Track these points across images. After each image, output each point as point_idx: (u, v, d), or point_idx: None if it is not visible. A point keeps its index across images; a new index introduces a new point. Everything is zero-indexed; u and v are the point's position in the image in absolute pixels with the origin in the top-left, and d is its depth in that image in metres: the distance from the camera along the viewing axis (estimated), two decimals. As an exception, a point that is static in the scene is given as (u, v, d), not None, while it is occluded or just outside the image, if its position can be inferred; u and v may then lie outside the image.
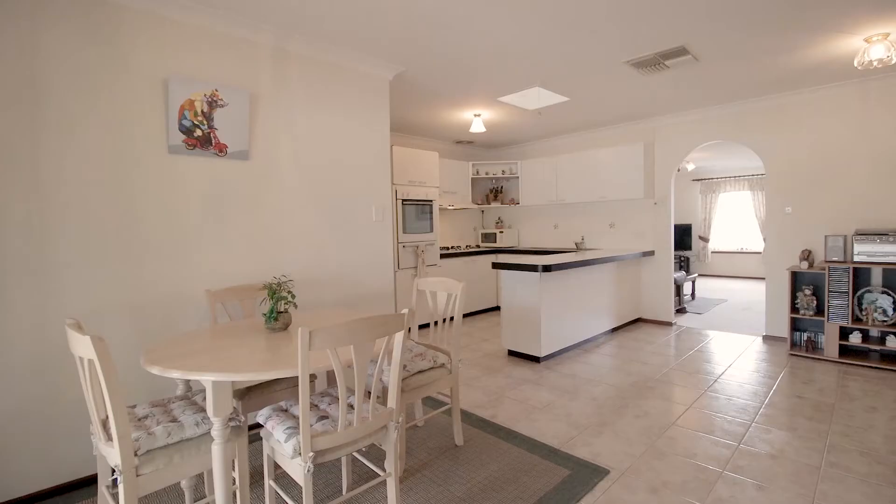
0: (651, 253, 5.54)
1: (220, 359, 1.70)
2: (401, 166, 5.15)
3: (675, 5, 2.68)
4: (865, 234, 3.85)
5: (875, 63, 3.26)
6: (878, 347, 3.85)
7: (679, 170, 8.36)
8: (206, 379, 1.55)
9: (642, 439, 2.57)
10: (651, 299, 5.60)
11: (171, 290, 2.53)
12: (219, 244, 2.72)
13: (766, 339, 4.70)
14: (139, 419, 1.72)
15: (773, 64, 3.71)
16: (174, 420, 1.74)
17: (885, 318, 3.81)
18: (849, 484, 2.11)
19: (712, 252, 10.03)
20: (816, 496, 2.03)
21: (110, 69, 2.32)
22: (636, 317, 5.62)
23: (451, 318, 2.97)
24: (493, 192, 7.07)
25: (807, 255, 4.21)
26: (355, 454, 2.07)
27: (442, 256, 5.71)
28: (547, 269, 3.83)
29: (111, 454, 1.53)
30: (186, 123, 2.58)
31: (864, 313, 3.87)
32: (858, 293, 3.93)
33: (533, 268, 3.87)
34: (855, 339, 3.89)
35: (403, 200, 5.15)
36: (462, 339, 4.93)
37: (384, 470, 1.90)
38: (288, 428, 1.66)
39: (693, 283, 7.09)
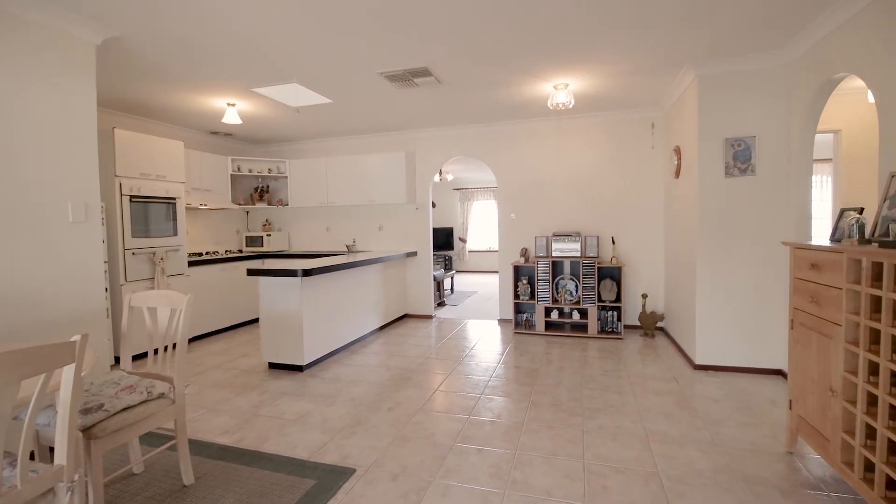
0: (414, 254, 6.02)
1: None
2: (129, 155, 4.21)
3: (413, 30, 2.92)
4: (559, 235, 5.04)
5: (560, 106, 4.27)
6: (568, 320, 5.10)
7: (441, 179, 9.40)
8: None
9: (391, 430, 2.72)
10: (415, 296, 6.09)
11: None
12: None
13: (501, 321, 5.68)
14: None
15: (497, 96, 4.47)
16: None
17: (572, 298, 5.06)
18: (541, 433, 2.68)
19: (469, 251, 11.64)
20: (518, 447, 2.50)
21: None
22: (403, 313, 6.02)
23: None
24: (259, 191, 6.51)
25: (524, 252, 5.26)
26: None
27: (192, 264, 4.94)
28: (308, 273, 3.71)
29: None
30: None
31: (559, 295, 5.06)
32: (556, 280, 5.12)
33: (293, 273, 3.69)
34: (554, 315, 5.06)
35: (132, 197, 4.22)
36: (215, 357, 4.35)
37: (57, 546, 1.46)
38: None
39: (452, 278, 8.05)
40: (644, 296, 4.93)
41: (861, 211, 2.17)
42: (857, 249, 1.81)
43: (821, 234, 3.72)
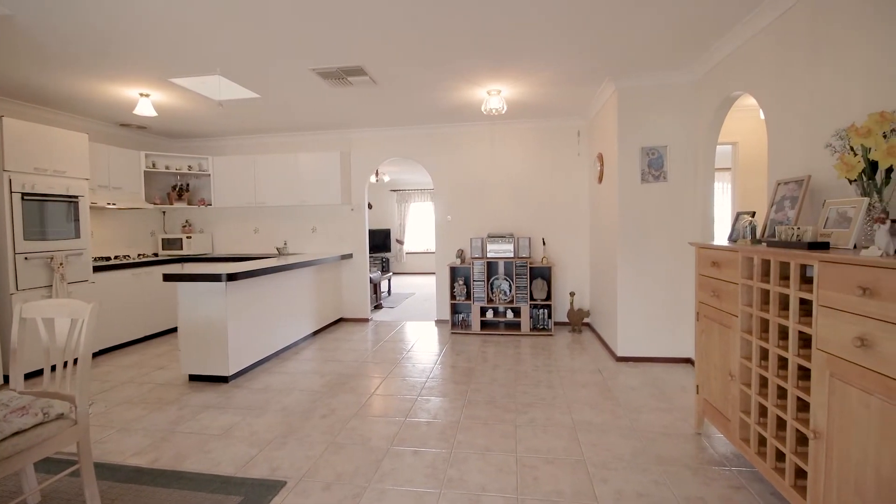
0: (350, 256, 5.90)
1: None
2: (21, 147, 3.73)
3: (346, 27, 2.86)
4: (493, 237, 5.18)
5: (493, 111, 4.38)
6: (503, 319, 5.25)
7: (377, 180, 9.28)
8: None
9: (325, 438, 2.64)
10: (351, 299, 5.96)
11: None
12: None
13: (438, 322, 5.73)
14: None
15: (433, 99, 4.50)
16: None
17: (506, 297, 5.21)
18: (476, 430, 2.73)
19: (407, 253, 11.61)
20: (454, 446, 2.53)
21: None
22: (338, 317, 5.87)
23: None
24: (178, 189, 6.03)
25: (460, 254, 5.34)
26: None
27: (99, 269, 4.47)
28: (233, 277, 3.49)
29: None
30: None
31: (494, 295, 5.20)
32: (491, 280, 5.25)
33: (216, 278, 3.46)
34: (489, 315, 5.18)
35: (24, 195, 3.74)
36: (127, 371, 3.97)
37: None
38: None
39: (389, 280, 7.98)
40: (572, 294, 5.20)
41: (753, 214, 2.45)
42: (750, 249, 2.04)
43: (723, 236, 4.15)
